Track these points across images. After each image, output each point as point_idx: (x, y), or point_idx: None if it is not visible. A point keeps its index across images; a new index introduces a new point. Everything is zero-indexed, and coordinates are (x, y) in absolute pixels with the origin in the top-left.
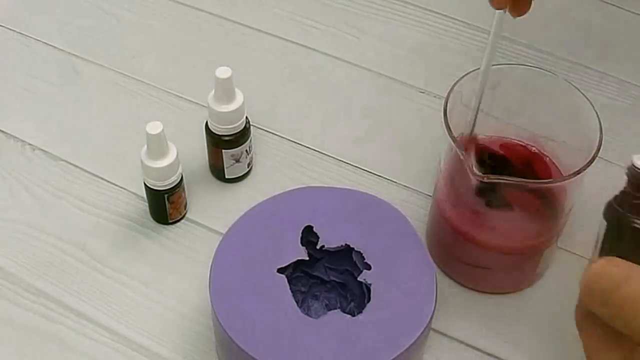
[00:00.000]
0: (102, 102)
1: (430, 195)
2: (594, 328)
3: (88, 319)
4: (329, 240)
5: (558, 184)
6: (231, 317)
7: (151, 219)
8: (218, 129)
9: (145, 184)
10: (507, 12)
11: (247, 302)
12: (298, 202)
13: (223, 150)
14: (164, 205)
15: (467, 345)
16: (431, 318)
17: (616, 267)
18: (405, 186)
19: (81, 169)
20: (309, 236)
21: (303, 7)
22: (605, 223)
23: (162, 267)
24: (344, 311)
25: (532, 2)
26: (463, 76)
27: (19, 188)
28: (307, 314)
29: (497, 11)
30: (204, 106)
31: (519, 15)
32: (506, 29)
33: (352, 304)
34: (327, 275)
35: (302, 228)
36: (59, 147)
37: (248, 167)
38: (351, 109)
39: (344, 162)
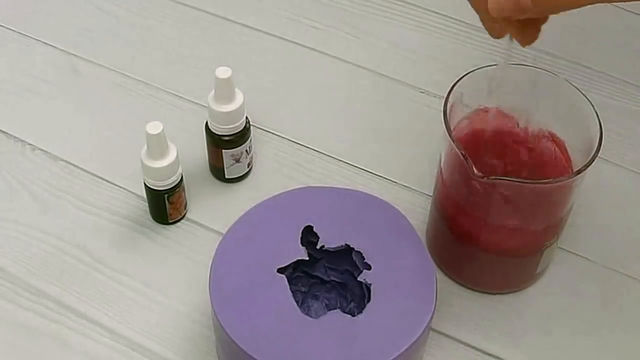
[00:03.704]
0: (102, 102)
1: (430, 195)
2: None
3: (88, 319)
4: (329, 240)
5: (558, 184)
6: (231, 317)
7: (151, 219)
8: (218, 129)
9: (145, 184)
10: (514, 41)
11: (247, 302)
12: (298, 202)
13: (223, 150)
14: (164, 205)
15: (467, 345)
16: (431, 318)
17: None
18: (405, 186)
19: (81, 169)
20: (309, 236)
21: (303, 7)
22: None
23: (162, 267)
24: (344, 311)
25: (541, 30)
26: (463, 76)
27: (19, 188)
28: (307, 314)
29: (505, 40)
30: (204, 106)
31: (529, 44)
32: None
33: (352, 304)
34: (327, 275)
35: (302, 228)
36: (59, 147)
37: (248, 167)
38: (351, 109)
39: (344, 162)
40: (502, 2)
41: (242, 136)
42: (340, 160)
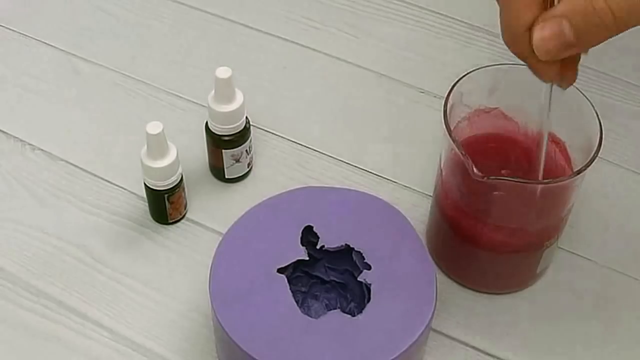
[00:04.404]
0: (102, 102)
1: (430, 195)
2: None
3: (88, 319)
4: (329, 240)
5: (558, 184)
6: (231, 317)
7: (151, 219)
8: (218, 129)
9: (145, 184)
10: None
11: (247, 302)
12: (298, 202)
13: (223, 150)
14: (164, 205)
15: (467, 345)
16: (431, 318)
17: None
18: (405, 186)
19: (81, 169)
20: (309, 236)
21: (303, 7)
22: None
23: (162, 267)
24: (344, 311)
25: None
26: (463, 76)
27: (19, 188)
28: (307, 314)
29: (546, 84)
30: (204, 106)
31: (569, 86)
32: None
33: (352, 304)
34: (327, 275)
35: (302, 228)
36: (59, 147)
37: (248, 167)
38: (351, 109)
39: (344, 162)
40: (547, 42)
41: (242, 136)
42: (340, 160)
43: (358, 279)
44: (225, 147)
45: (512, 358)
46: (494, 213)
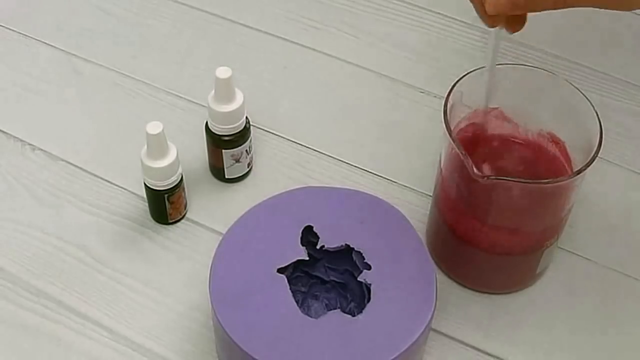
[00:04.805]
0: (102, 102)
1: (430, 195)
2: None
3: (88, 319)
4: (329, 240)
5: (558, 184)
6: (231, 317)
7: (151, 219)
8: (218, 129)
9: (145, 184)
10: (503, 29)
11: (247, 302)
12: (298, 202)
13: (223, 150)
14: (164, 205)
15: (467, 345)
16: (431, 318)
17: None
18: (405, 186)
19: (81, 169)
20: (309, 236)
21: (303, 7)
22: None
23: (162, 267)
24: (344, 311)
25: (527, 20)
26: (463, 76)
27: (19, 188)
28: (307, 314)
29: (492, 29)
30: (204, 106)
31: (515, 32)
32: None
33: (352, 304)
34: (327, 275)
35: (302, 228)
36: (59, 147)
37: (248, 167)
38: (351, 109)
39: (344, 162)
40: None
41: (242, 136)
42: (340, 160)
43: (358, 279)
44: (225, 147)
45: (511, 358)
46: (494, 213)
